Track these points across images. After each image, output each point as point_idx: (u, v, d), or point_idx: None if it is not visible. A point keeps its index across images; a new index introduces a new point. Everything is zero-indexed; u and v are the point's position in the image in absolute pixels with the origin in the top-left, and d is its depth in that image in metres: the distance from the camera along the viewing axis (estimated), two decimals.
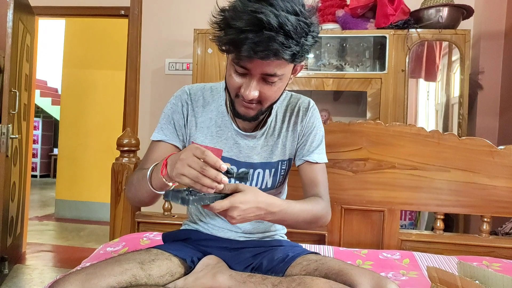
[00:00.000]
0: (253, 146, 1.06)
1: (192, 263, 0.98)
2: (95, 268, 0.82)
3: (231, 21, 0.83)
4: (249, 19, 0.81)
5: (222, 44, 0.88)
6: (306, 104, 1.11)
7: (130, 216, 1.58)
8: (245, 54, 0.83)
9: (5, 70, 2.38)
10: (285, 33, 0.82)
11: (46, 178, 7.13)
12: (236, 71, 0.91)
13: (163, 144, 1.05)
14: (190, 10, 3.01)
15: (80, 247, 3.32)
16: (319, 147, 1.11)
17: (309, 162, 1.09)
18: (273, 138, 1.08)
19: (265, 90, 0.91)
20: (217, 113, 1.06)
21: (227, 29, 0.85)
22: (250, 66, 0.87)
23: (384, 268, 1.28)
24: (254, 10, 0.81)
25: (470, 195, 1.48)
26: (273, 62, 0.86)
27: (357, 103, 2.68)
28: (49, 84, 7.17)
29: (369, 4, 2.43)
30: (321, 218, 1.04)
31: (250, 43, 0.81)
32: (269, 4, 0.82)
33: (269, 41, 0.81)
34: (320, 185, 1.09)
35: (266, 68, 0.87)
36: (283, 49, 0.82)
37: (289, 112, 1.10)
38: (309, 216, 0.99)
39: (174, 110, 1.06)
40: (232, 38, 0.84)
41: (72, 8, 3.23)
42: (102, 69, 4.26)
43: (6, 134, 2.39)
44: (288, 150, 1.10)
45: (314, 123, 1.11)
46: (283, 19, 0.81)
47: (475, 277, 0.92)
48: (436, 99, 2.56)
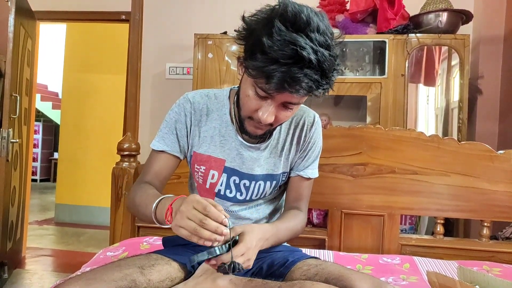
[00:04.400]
0: (257, 158, 1.05)
1: (192, 268, 0.98)
2: (95, 273, 0.82)
3: (267, 49, 0.78)
4: (288, 52, 0.76)
5: (250, 68, 0.83)
6: (311, 119, 1.09)
7: (130, 220, 1.58)
8: (275, 85, 0.80)
9: (6, 75, 2.38)
10: (322, 72, 0.80)
11: (46, 182, 7.12)
12: (257, 94, 0.86)
13: (165, 155, 1.04)
14: (190, 15, 3.03)
15: (80, 251, 3.31)
16: (314, 162, 1.12)
17: (301, 177, 1.11)
18: (277, 150, 1.07)
19: (281, 115, 0.90)
20: (220, 122, 1.04)
21: (259, 54, 0.79)
22: (275, 94, 0.84)
23: (384, 273, 1.28)
24: (293, 42, 0.76)
25: (470, 199, 1.48)
26: (300, 95, 0.83)
27: (357, 107, 2.68)
28: (50, 88, 7.18)
29: (369, 9, 2.44)
30: (299, 232, 1.10)
31: (284, 76, 0.78)
32: (307, 36, 0.78)
33: (305, 77, 0.78)
34: (303, 200, 1.13)
35: (291, 98, 0.85)
36: (317, 87, 0.81)
37: (294, 125, 1.08)
38: (292, 234, 1.07)
39: (176, 119, 1.04)
40: (264, 66, 0.79)
41: (73, 13, 3.25)
42: (102, 74, 4.27)
43: (6, 139, 2.39)
44: (290, 162, 1.10)
45: (316, 138, 1.10)
46: (321, 57, 0.78)
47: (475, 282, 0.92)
48: (436, 103, 2.57)
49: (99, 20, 3.40)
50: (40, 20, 3.21)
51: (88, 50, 4.30)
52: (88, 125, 4.28)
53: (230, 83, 2.56)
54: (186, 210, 0.76)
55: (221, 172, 1.04)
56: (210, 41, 2.58)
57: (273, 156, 1.07)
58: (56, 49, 5.82)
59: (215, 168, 1.04)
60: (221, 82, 2.58)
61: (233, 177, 1.05)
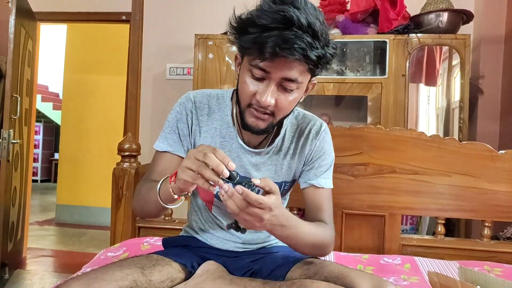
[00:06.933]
0: (256, 163, 1.02)
1: (192, 268, 0.98)
2: (96, 273, 0.82)
3: (256, 20, 0.81)
4: (276, 17, 0.80)
5: (245, 43, 0.85)
6: (317, 127, 1.05)
7: (130, 221, 1.58)
8: (269, 50, 0.79)
9: (7, 75, 2.38)
10: (313, 33, 0.81)
11: (47, 183, 7.12)
12: (253, 76, 0.86)
13: (169, 155, 1.02)
14: (191, 16, 3.03)
15: (81, 252, 3.31)
16: (327, 172, 1.06)
17: (314, 187, 1.04)
18: (279, 158, 1.04)
19: (282, 99, 0.88)
20: (222, 123, 1.02)
21: (250, 28, 0.82)
22: (271, 67, 0.83)
23: (385, 273, 1.27)
24: (281, 10, 0.80)
25: (471, 199, 1.48)
26: (296, 66, 0.83)
27: (358, 107, 2.68)
28: (51, 89, 7.19)
29: (369, 9, 2.44)
30: (327, 246, 0.98)
31: (276, 40, 0.78)
32: (296, 7, 0.81)
33: (296, 39, 0.79)
34: (325, 211, 1.04)
35: (287, 72, 0.84)
36: (310, 49, 0.80)
37: (299, 133, 1.05)
38: (316, 241, 0.95)
39: (178, 119, 1.02)
40: (256, 36, 0.81)
41: (73, 13, 3.25)
42: (103, 74, 4.27)
43: (7, 139, 2.39)
44: (293, 172, 1.06)
45: (324, 147, 1.06)
46: (312, 19, 0.81)
47: (476, 282, 0.92)
48: (437, 103, 2.56)
49: (100, 21, 3.41)
50: (41, 21, 3.21)
51: (89, 51, 4.31)
52: (89, 126, 4.28)
53: (231, 84, 2.56)
54: (187, 160, 0.77)
55: None
56: (211, 41, 2.58)
57: (274, 163, 1.04)
58: (57, 49, 5.82)
59: None
60: (222, 83, 2.58)
61: None
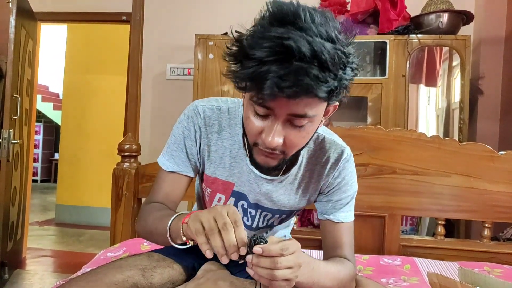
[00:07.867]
0: (266, 192, 0.93)
1: (194, 270, 0.97)
2: (96, 275, 0.81)
3: (249, 51, 0.66)
4: (272, 46, 0.64)
5: (239, 80, 0.72)
6: (337, 155, 0.92)
7: (130, 221, 1.58)
8: (267, 91, 0.65)
9: (7, 75, 2.38)
10: (320, 64, 0.65)
11: (47, 183, 7.12)
12: (256, 113, 0.73)
13: (176, 176, 0.94)
14: (191, 16, 3.03)
15: (81, 252, 3.31)
16: (348, 204, 0.95)
17: (331, 221, 0.94)
18: (293, 187, 0.94)
19: (292, 136, 0.74)
20: (232, 142, 0.91)
21: (244, 61, 0.68)
22: (274, 105, 0.69)
23: (385, 274, 1.27)
24: (279, 36, 0.64)
25: (471, 200, 1.48)
26: (303, 101, 0.68)
27: (358, 108, 2.68)
28: (51, 89, 7.19)
29: (370, 9, 2.44)
30: (346, 281, 0.87)
31: (274, 78, 0.64)
32: (298, 28, 0.65)
33: (299, 75, 0.64)
34: (345, 247, 0.93)
35: (293, 108, 0.69)
36: (317, 85, 0.65)
37: (316, 160, 0.93)
38: (336, 282, 0.83)
39: (186, 136, 0.92)
40: (251, 72, 0.66)
41: (74, 14, 3.25)
42: (103, 74, 4.27)
43: (7, 139, 2.39)
44: (306, 200, 0.97)
45: (345, 178, 0.94)
46: (318, 46, 0.64)
47: (476, 283, 0.92)
48: (437, 104, 2.56)
49: (100, 21, 3.40)
50: (41, 21, 3.21)
51: (89, 51, 4.31)
52: (89, 126, 4.28)
53: (231, 84, 2.54)
54: (212, 211, 0.69)
55: (229, 196, 0.96)
56: (211, 42, 2.58)
57: (287, 193, 0.94)
58: (57, 50, 5.82)
59: (222, 192, 0.96)
60: (222, 83, 2.58)
61: (241, 201, 0.96)
